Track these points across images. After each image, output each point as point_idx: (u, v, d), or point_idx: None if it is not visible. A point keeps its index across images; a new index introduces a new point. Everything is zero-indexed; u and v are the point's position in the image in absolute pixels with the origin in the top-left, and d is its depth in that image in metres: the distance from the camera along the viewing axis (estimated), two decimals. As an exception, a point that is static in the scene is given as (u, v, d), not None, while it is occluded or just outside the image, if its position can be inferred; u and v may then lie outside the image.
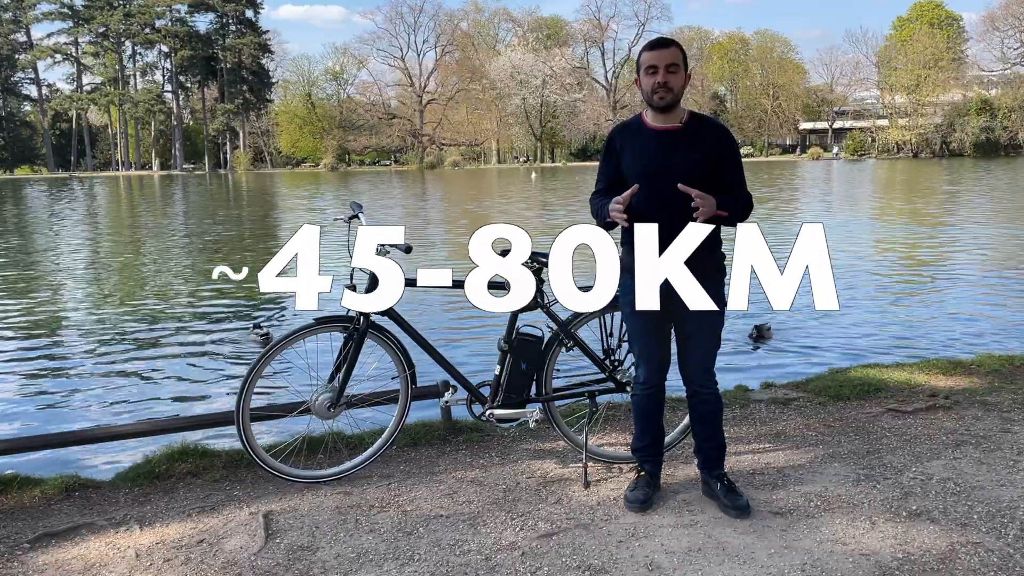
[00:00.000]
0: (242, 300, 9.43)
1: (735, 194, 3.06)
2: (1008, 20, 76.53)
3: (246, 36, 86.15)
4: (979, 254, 12.00)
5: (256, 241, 16.58)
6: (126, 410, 5.41)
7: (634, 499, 3.15)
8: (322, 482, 3.48)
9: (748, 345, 6.74)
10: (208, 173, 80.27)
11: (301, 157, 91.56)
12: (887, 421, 4.11)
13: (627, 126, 3.17)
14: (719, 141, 3.06)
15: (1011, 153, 68.98)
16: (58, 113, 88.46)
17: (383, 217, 21.18)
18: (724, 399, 4.39)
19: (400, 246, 3.43)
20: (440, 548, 2.88)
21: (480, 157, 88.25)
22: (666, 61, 2.96)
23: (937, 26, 79.15)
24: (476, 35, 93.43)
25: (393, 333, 3.57)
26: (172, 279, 11.32)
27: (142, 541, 3.00)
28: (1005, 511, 3.03)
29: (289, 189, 41.62)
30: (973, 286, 9.44)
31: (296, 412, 3.63)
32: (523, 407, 3.56)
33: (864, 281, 9.86)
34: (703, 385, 3.17)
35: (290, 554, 2.87)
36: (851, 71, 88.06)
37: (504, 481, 3.46)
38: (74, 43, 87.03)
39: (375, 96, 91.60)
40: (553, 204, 25.38)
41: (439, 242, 15.58)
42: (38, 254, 14.68)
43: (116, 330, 7.85)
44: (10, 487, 3.49)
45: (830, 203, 23.78)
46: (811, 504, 3.14)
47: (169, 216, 24.19)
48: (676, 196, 2.98)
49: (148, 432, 3.95)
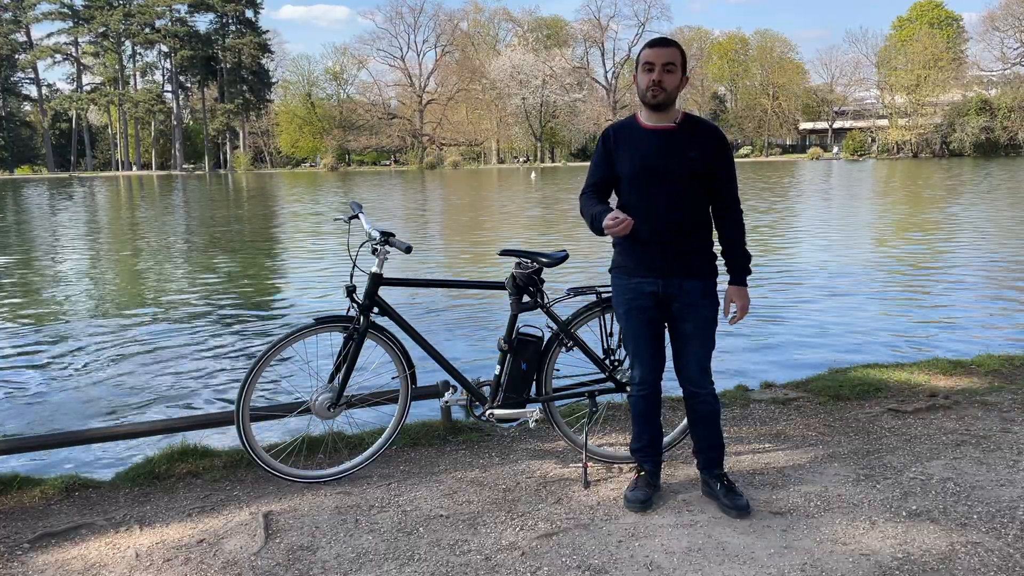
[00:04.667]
0: (242, 300, 9.43)
1: (737, 240, 3.15)
2: (1008, 20, 76.57)
3: (246, 36, 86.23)
4: (979, 254, 12.00)
5: (257, 241, 16.58)
6: (126, 410, 5.41)
7: (634, 499, 3.15)
8: (322, 482, 3.48)
9: (748, 345, 6.74)
10: (208, 173, 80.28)
11: (301, 157, 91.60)
12: (887, 421, 4.11)
13: (621, 125, 3.18)
14: (713, 147, 3.07)
15: (1011, 153, 68.99)
16: (58, 113, 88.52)
17: (383, 217, 21.19)
18: (724, 399, 4.41)
19: (400, 246, 3.43)
20: (440, 548, 2.88)
21: (480, 157, 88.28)
22: (664, 60, 2.97)
23: (937, 26, 79.24)
24: (476, 35, 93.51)
25: (393, 333, 3.56)
26: (172, 279, 11.31)
27: (142, 541, 3.00)
28: (1005, 511, 3.03)
29: (289, 189, 41.64)
30: (973, 286, 9.44)
31: (296, 412, 3.63)
32: (523, 407, 3.56)
33: (864, 281, 9.86)
34: (700, 386, 3.17)
35: (290, 554, 2.87)
36: (851, 71, 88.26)
37: (504, 481, 3.46)
38: (74, 43, 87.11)
39: (375, 96, 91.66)
40: (553, 204, 25.38)
41: (439, 242, 15.58)
42: (38, 254, 14.68)
43: (116, 330, 7.85)
44: (10, 487, 3.49)
45: (830, 203, 23.78)
46: (811, 504, 3.14)
47: (169, 216, 24.19)
48: (666, 194, 3.01)
49: (148, 432, 3.95)
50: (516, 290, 3.49)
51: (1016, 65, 77.02)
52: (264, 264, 13.00)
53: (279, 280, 11.18)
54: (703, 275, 3.10)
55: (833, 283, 9.72)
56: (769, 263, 11.35)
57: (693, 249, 3.09)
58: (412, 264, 11.64)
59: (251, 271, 12.07)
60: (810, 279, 10.03)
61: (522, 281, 3.48)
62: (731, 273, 3.18)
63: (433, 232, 17.69)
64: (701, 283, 3.09)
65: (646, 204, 3.03)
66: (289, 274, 11.64)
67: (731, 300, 3.16)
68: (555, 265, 3.51)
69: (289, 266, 12.56)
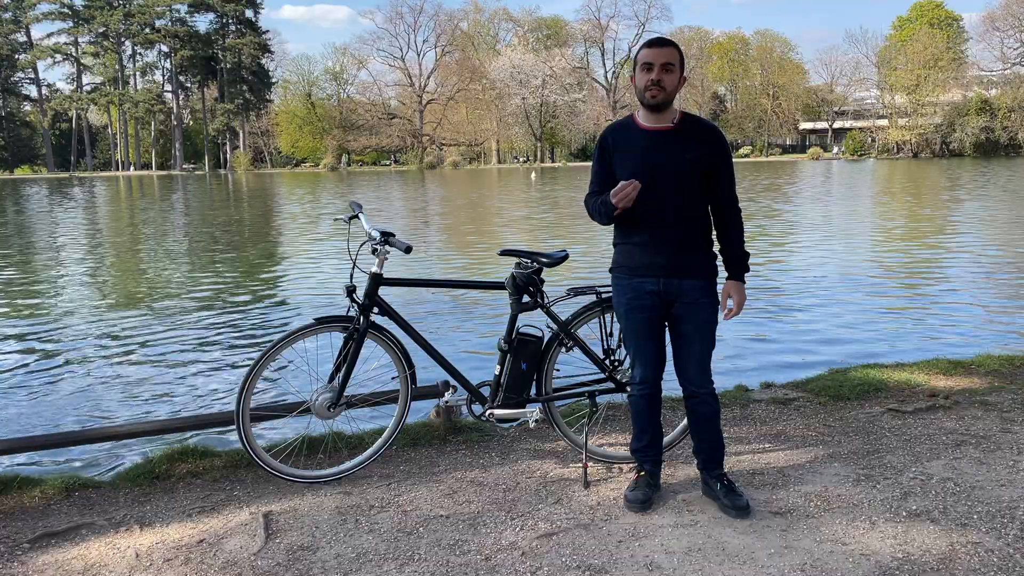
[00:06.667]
0: (242, 300, 9.43)
1: (736, 239, 3.16)
2: (1008, 20, 76.57)
3: (246, 36, 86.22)
4: (979, 254, 12.00)
5: (257, 241, 16.58)
6: (126, 410, 5.41)
7: (634, 499, 3.15)
8: (322, 482, 3.48)
9: (748, 345, 6.74)
10: (208, 173, 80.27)
11: (301, 157, 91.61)
12: (887, 421, 4.11)
13: (619, 126, 3.18)
14: (712, 147, 3.07)
15: (1011, 153, 69.01)
16: (58, 113, 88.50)
17: (383, 217, 21.18)
18: (724, 399, 4.41)
19: (400, 246, 3.43)
20: (440, 548, 2.88)
21: (480, 157, 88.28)
22: (662, 60, 2.97)
23: (937, 26, 79.25)
24: (476, 35, 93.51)
25: (393, 333, 3.56)
26: (172, 279, 11.31)
27: (142, 541, 3.00)
28: (1005, 511, 3.03)
29: (289, 189, 41.64)
30: (973, 286, 9.44)
31: (296, 412, 3.63)
32: (523, 407, 3.56)
33: (864, 281, 9.87)
34: (700, 386, 3.17)
35: (290, 554, 2.87)
36: (851, 71, 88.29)
37: (504, 481, 3.46)
38: (74, 43, 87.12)
39: (375, 96, 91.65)
40: (554, 204, 25.38)
41: (439, 242, 15.58)
42: (38, 254, 14.68)
43: (116, 330, 7.85)
44: (10, 487, 3.49)
45: (829, 203, 23.78)
46: (811, 504, 3.14)
47: (170, 216, 24.19)
48: (667, 195, 3.01)
49: (148, 432, 3.95)
50: (516, 290, 3.49)
51: (1016, 65, 77.03)
52: (264, 264, 13.00)
53: (279, 280, 11.18)
54: (703, 275, 3.10)
55: (833, 283, 9.72)
56: (769, 263, 11.35)
57: (693, 249, 3.09)
58: (412, 264, 11.65)
59: (251, 271, 12.07)
60: (810, 278, 10.03)
61: (522, 281, 3.48)
62: (729, 269, 3.18)
63: (433, 232, 17.69)
64: (701, 283, 3.09)
65: (646, 204, 3.03)
66: (289, 274, 11.63)
67: (728, 295, 3.16)
68: (555, 265, 3.51)
69: (289, 266, 12.55)
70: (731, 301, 3.16)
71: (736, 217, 3.16)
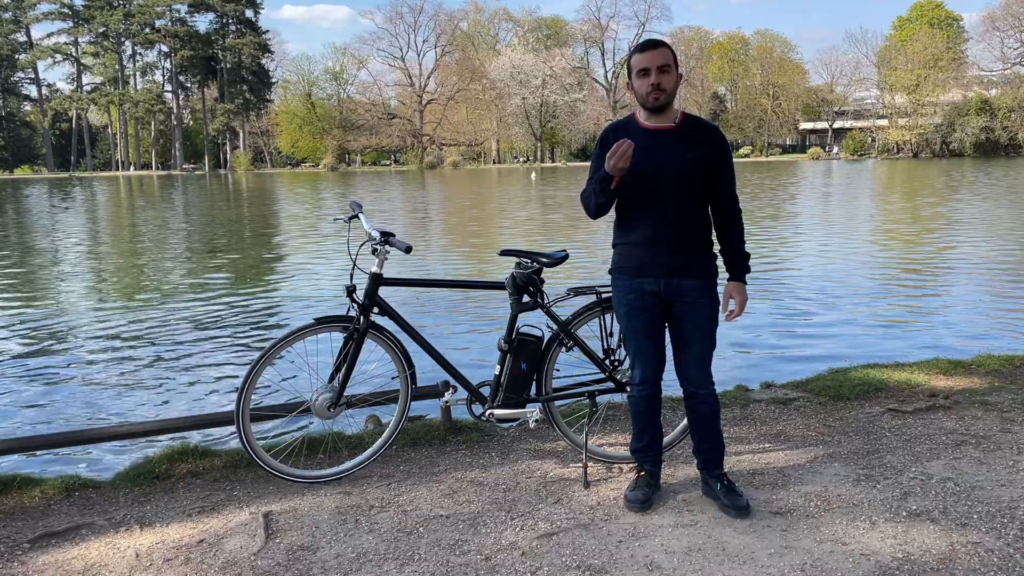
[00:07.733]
0: (242, 300, 9.43)
1: (736, 239, 3.16)
2: (1008, 20, 76.57)
3: (246, 36, 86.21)
4: (979, 254, 12.00)
5: (257, 241, 16.58)
6: (126, 410, 5.41)
7: (634, 499, 3.15)
8: (322, 482, 3.48)
9: (749, 345, 6.74)
10: (208, 173, 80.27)
11: (301, 157, 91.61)
12: (887, 421, 4.11)
13: (620, 125, 3.17)
14: (713, 147, 3.08)
15: (1011, 153, 69.02)
16: (58, 113, 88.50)
17: (384, 217, 21.18)
18: (724, 399, 4.41)
19: (400, 246, 3.43)
20: (440, 548, 2.88)
21: (480, 157, 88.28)
22: (658, 62, 2.97)
23: (937, 26, 79.25)
24: (476, 35, 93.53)
25: (393, 333, 3.56)
26: (172, 279, 11.31)
27: (142, 541, 3.00)
28: (1005, 511, 3.03)
29: (289, 188, 41.63)
30: (973, 285, 9.44)
31: (296, 412, 3.62)
32: (523, 407, 3.56)
33: (864, 281, 9.87)
34: (700, 386, 3.17)
35: (290, 554, 2.87)
36: (851, 71, 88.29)
37: (504, 481, 3.46)
38: (74, 43, 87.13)
39: (375, 96, 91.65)
40: (554, 204, 25.38)
41: (439, 242, 15.57)
42: (39, 254, 14.68)
43: (117, 330, 7.85)
44: (10, 487, 3.49)
45: (830, 203, 23.78)
46: (811, 504, 3.14)
47: (170, 216, 24.18)
48: (668, 194, 3.01)
49: (148, 432, 3.95)
50: (516, 290, 3.49)
51: (1016, 65, 77.03)
52: (264, 264, 13.00)
53: (279, 280, 11.18)
54: (703, 275, 3.10)
55: (833, 283, 9.72)
56: (769, 263, 11.35)
57: (693, 249, 3.09)
58: (412, 264, 11.64)
59: (251, 271, 12.06)
60: (810, 278, 10.03)
61: (522, 281, 3.48)
62: (730, 270, 3.18)
63: (433, 232, 17.69)
64: (701, 283, 3.09)
65: (646, 204, 3.03)
66: (289, 274, 11.63)
67: (730, 296, 3.17)
68: (555, 265, 3.51)
69: (289, 266, 12.55)
70: (733, 302, 3.17)
71: (737, 217, 3.16)
